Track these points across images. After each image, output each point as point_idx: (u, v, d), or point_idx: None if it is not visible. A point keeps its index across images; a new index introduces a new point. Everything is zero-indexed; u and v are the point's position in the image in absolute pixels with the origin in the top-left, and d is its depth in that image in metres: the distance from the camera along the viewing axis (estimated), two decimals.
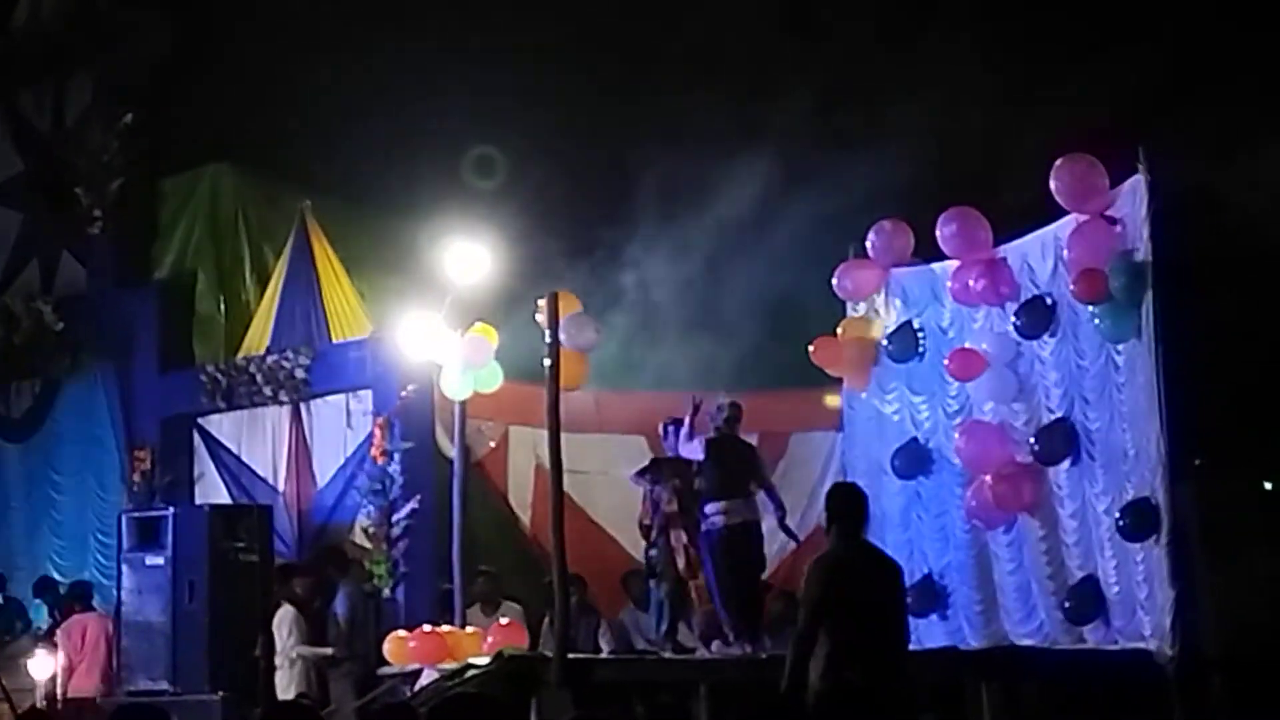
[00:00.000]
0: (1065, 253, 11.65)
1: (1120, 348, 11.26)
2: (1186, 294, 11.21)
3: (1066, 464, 11.74)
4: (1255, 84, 13.89)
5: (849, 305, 13.83)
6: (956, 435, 12.62)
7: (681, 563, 13.17)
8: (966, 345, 12.61)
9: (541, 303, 12.83)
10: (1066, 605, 11.60)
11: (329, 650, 14.56)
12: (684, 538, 13.20)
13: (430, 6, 17.26)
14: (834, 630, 9.28)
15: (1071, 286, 11.48)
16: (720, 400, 13.30)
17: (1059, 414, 11.82)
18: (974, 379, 12.49)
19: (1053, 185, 11.51)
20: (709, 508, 12.95)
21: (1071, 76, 14.36)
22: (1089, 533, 11.54)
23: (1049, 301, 11.92)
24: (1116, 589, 11.19)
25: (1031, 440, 11.97)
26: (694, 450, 13.11)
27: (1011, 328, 12.21)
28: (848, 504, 9.66)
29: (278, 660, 14.50)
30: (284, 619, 14.61)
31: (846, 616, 9.32)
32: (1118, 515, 11.13)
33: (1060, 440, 11.72)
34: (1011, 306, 12.27)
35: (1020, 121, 13.89)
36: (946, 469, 12.88)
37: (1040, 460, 11.93)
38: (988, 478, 12.27)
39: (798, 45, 15.91)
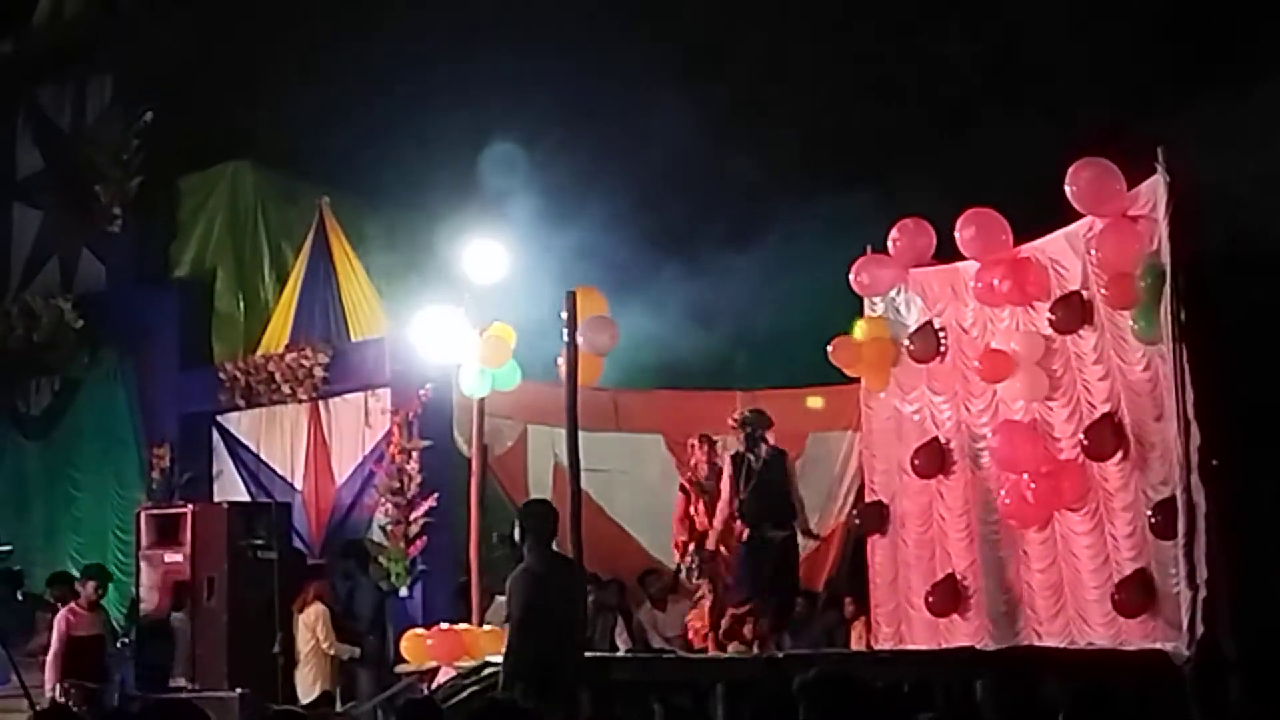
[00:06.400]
0: (1094, 254, 11.53)
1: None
2: (1206, 294, 11.11)
3: (1117, 457, 11.60)
4: (1275, 80, 13.82)
5: (867, 304, 13.77)
6: (989, 435, 12.50)
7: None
8: (994, 345, 12.48)
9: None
10: (1115, 598, 11.44)
11: (357, 650, 14.58)
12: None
13: (450, 4, 17.25)
14: (525, 638, 10.34)
15: (1103, 292, 11.37)
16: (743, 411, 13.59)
17: (1104, 409, 11.66)
18: (1004, 380, 12.36)
19: (1069, 189, 11.39)
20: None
21: (1088, 75, 14.31)
22: (1143, 525, 11.37)
23: (1084, 296, 11.77)
24: (1174, 581, 11.01)
25: (1081, 436, 11.81)
26: None
27: (1045, 322, 12.08)
28: (539, 520, 10.69)
29: (300, 657, 14.51)
30: (320, 617, 14.55)
31: (537, 626, 10.35)
32: (1149, 512, 11.04)
33: (1109, 435, 11.53)
34: (1041, 305, 12.13)
35: (1036, 122, 13.84)
36: (968, 468, 12.80)
37: (1090, 455, 11.75)
38: (1025, 476, 12.15)
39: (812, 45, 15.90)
